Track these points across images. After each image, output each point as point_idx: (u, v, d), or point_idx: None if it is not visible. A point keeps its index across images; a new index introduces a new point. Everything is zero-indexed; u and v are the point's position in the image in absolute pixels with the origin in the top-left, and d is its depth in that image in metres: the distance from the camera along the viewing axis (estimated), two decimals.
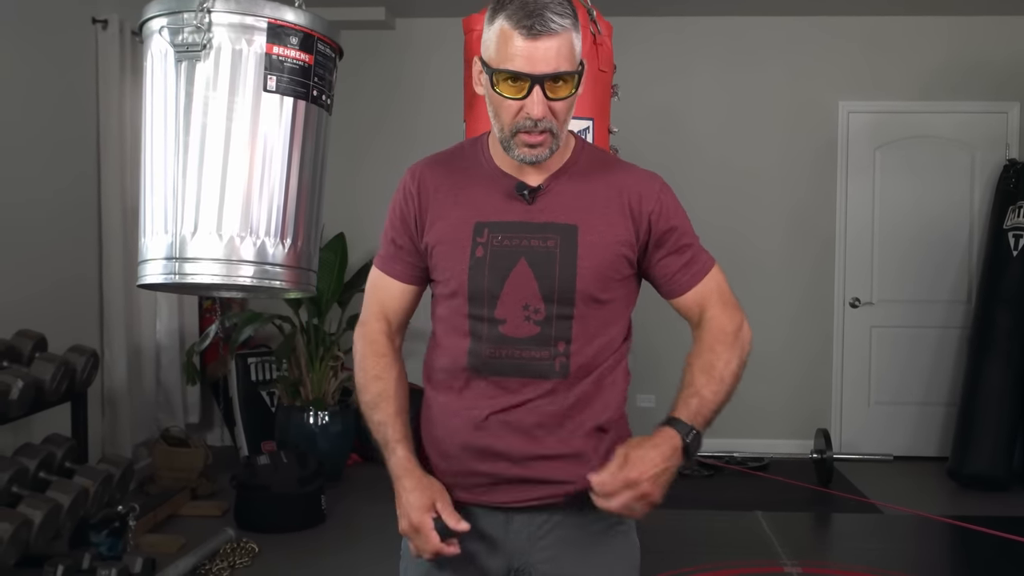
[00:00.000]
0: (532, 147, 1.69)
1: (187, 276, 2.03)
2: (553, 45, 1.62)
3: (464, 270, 1.74)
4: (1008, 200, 5.94)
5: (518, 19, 1.61)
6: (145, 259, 2.10)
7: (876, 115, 6.52)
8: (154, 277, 2.07)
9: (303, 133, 2.10)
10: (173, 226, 2.02)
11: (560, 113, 1.68)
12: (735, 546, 4.73)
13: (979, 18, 6.39)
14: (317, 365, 5.73)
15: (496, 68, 1.65)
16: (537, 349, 1.74)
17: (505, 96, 1.66)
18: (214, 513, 5.01)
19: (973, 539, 4.76)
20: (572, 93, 1.68)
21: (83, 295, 5.12)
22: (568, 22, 1.63)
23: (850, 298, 6.58)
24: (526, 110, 1.65)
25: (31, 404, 3.78)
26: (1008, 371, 5.77)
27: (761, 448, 6.40)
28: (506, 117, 1.68)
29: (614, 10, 5.36)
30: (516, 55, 1.62)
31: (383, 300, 1.89)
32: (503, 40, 1.64)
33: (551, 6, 1.62)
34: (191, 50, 1.98)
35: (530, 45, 1.61)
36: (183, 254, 2.02)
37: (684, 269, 1.82)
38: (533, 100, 1.64)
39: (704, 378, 1.76)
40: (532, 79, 1.63)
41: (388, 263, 1.88)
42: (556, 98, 1.66)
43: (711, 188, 6.41)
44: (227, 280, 2.05)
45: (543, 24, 1.60)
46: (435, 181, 1.82)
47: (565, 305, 1.73)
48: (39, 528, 3.34)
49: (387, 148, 6.47)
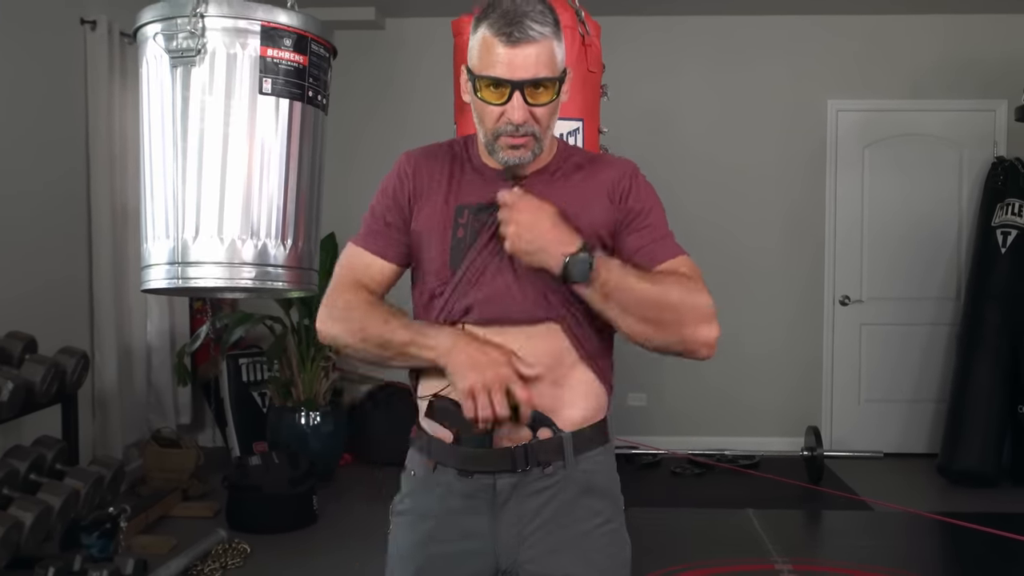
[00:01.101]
0: (515, 148, 1.73)
1: (190, 280, 2.05)
2: (533, 52, 1.66)
3: (446, 250, 1.77)
4: (996, 197, 5.97)
5: (499, 27, 1.66)
6: (148, 264, 2.10)
7: (865, 113, 6.54)
8: (158, 282, 2.08)
9: (300, 134, 2.11)
10: (175, 231, 2.04)
11: (542, 119, 1.72)
12: (726, 544, 4.74)
13: (966, 16, 6.41)
14: (308, 365, 5.72)
15: (478, 75, 1.70)
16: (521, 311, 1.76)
17: (487, 102, 1.70)
18: (206, 514, 5.00)
19: (963, 535, 4.77)
20: (553, 99, 1.72)
21: (73, 296, 5.10)
22: (548, 29, 1.67)
23: (840, 296, 6.61)
24: (507, 115, 1.69)
25: (21, 406, 3.78)
26: (996, 367, 5.80)
27: (752, 446, 6.41)
28: (489, 122, 1.72)
29: (603, 10, 5.37)
30: (497, 62, 1.67)
31: (360, 276, 1.85)
32: (485, 47, 1.68)
33: (531, 14, 1.66)
34: (186, 55, 1.99)
35: (510, 52, 1.66)
36: (186, 258, 2.04)
37: (651, 244, 1.79)
38: (513, 105, 1.68)
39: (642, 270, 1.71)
40: (512, 85, 1.67)
41: (371, 240, 1.86)
42: (537, 104, 1.70)
43: (701, 187, 6.43)
44: (230, 283, 2.06)
45: (522, 31, 1.64)
46: (428, 168, 1.86)
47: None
48: (30, 530, 3.34)
49: (378, 147, 6.44)
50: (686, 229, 1.86)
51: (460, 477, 1.79)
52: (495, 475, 1.78)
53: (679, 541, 4.77)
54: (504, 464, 1.77)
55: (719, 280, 6.45)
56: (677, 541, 4.76)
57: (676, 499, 5.56)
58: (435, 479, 1.83)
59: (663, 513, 5.19)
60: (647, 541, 3.77)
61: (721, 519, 5.15)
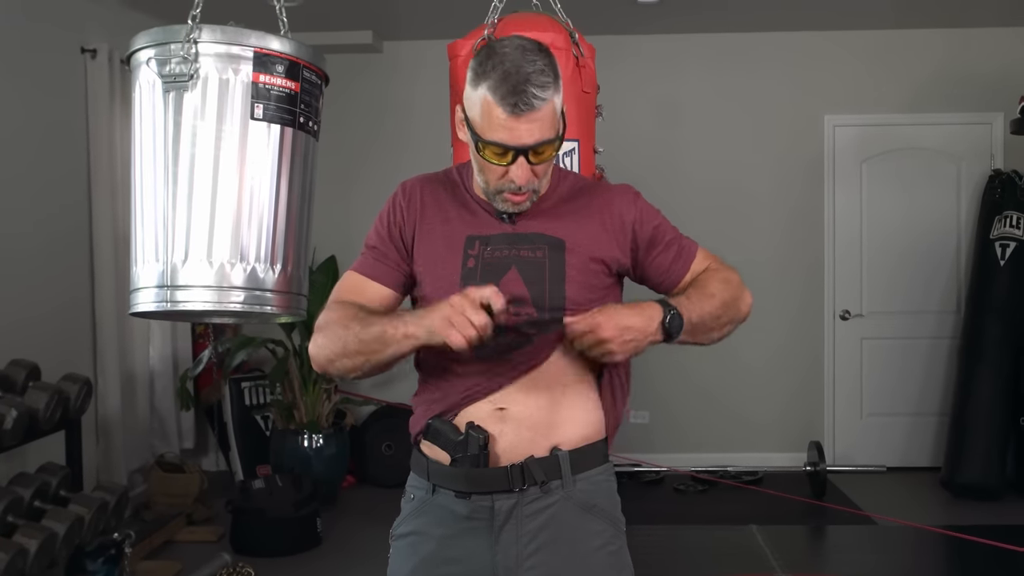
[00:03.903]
0: (516, 203, 1.77)
1: (179, 304, 2.06)
2: (536, 120, 1.68)
3: (456, 281, 1.78)
4: (994, 210, 5.99)
5: (502, 95, 1.66)
6: (137, 288, 2.12)
7: (861, 128, 6.56)
8: (146, 305, 2.09)
9: (290, 159, 2.13)
10: (164, 254, 2.05)
11: (541, 172, 1.77)
12: (730, 560, 4.74)
13: (962, 31, 6.44)
14: (311, 388, 5.74)
15: (482, 138, 1.71)
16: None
17: (491, 162, 1.73)
18: (210, 538, 5.01)
19: (967, 549, 4.77)
20: (554, 153, 1.76)
21: (76, 323, 5.13)
22: (550, 92, 1.68)
23: (840, 311, 6.61)
24: (511, 175, 1.73)
25: (25, 433, 3.79)
26: (998, 379, 5.80)
27: (755, 462, 6.41)
28: (491, 178, 1.75)
29: (599, 29, 5.44)
30: (500, 127, 1.68)
31: (347, 296, 1.86)
32: (487, 110, 1.69)
33: (533, 77, 1.66)
34: (179, 80, 2.01)
35: (514, 121, 1.67)
36: (174, 282, 2.05)
37: (675, 260, 1.89)
38: (517, 170, 1.71)
39: (694, 291, 1.82)
40: (516, 151, 1.69)
41: (369, 267, 1.88)
42: (539, 163, 1.73)
43: (699, 203, 6.44)
44: (219, 307, 2.07)
45: (526, 103, 1.65)
46: (425, 197, 1.88)
47: (555, 311, 1.77)
48: (35, 557, 3.35)
49: (377, 170, 6.49)
50: None
51: (458, 499, 1.80)
52: (493, 496, 1.79)
53: (683, 558, 4.76)
54: (501, 484, 1.77)
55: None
56: (681, 558, 4.75)
57: (680, 516, 5.56)
58: (434, 502, 1.84)
59: (667, 530, 5.19)
60: (651, 559, 3.78)
61: (725, 535, 5.14)
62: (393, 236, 1.87)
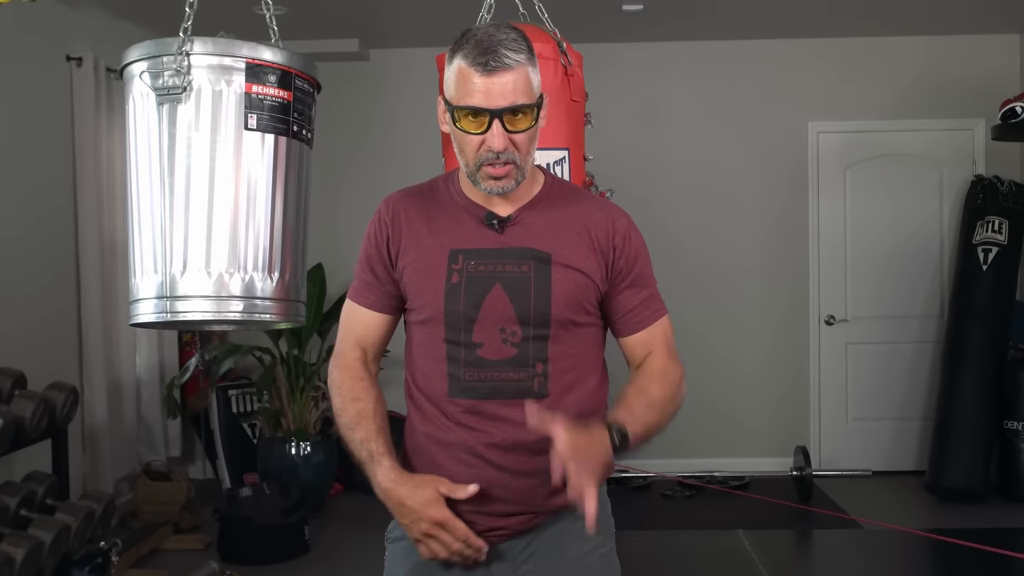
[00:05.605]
0: (497, 179, 1.75)
1: (179, 314, 2.08)
2: (509, 80, 1.69)
3: (440, 297, 1.79)
4: (976, 215, 6.05)
5: (474, 56, 1.68)
6: (137, 299, 2.13)
7: (845, 135, 6.61)
8: (146, 316, 2.11)
9: (285, 168, 2.14)
10: (163, 265, 2.06)
11: (522, 145, 1.75)
12: (717, 565, 4.76)
13: (944, 38, 6.50)
14: (298, 395, 5.73)
15: (456, 105, 1.72)
16: (515, 370, 1.78)
17: (467, 132, 1.73)
18: (197, 546, 4.99)
19: (952, 552, 4.79)
20: (532, 125, 1.75)
21: (62, 331, 5.11)
22: (523, 57, 1.71)
23: (825, 316, 6.65)
24: (487, 143, 1.72)
25: (11, 442, 3.78)
26: (981, 383, 5.84)
27: (741, 467, 6.44)
28: (469, 152, 1.75)
29: (585, 37, 5.45)
30: (474, 91, 1.69)
31: (358, 330, 1.92)
32: (461, 78, 1.71)
33: (505, 42, 1.69)
34: (172, 92, 2.02)
35: (487, 80, 1.68)
36: (174, 292, 2.06)
37: (640, 307, 1.88)
38: (493, 133, 1.71)
39: (636, 399, 1.81)
40: (491, 113, 1.70)
41: (362, 294, 1.91)
42: (516, 130, 1.73)
43: (684, 210, 6.48)
44: (218, 316, 2.09)
45: (498, 60, 1.67)
46: (409, 211, 1.88)
47: (541, 327, 1.78)
48: (21, 566, 3.33)
49: (364, 178, 6.50)
50: (671, 253, 1.92)
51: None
52: None
53: (670, 563, 4.78)
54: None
55: (704, 303, 6.55)
56: (668, 563, 4.77)
57: (667, 521, 5.57)
58: None
59: (654, 536, 5.20)
60: (638, 564, 3.79)
61: (712, 540, 5.16)
62: (381, 255, 1.88)
